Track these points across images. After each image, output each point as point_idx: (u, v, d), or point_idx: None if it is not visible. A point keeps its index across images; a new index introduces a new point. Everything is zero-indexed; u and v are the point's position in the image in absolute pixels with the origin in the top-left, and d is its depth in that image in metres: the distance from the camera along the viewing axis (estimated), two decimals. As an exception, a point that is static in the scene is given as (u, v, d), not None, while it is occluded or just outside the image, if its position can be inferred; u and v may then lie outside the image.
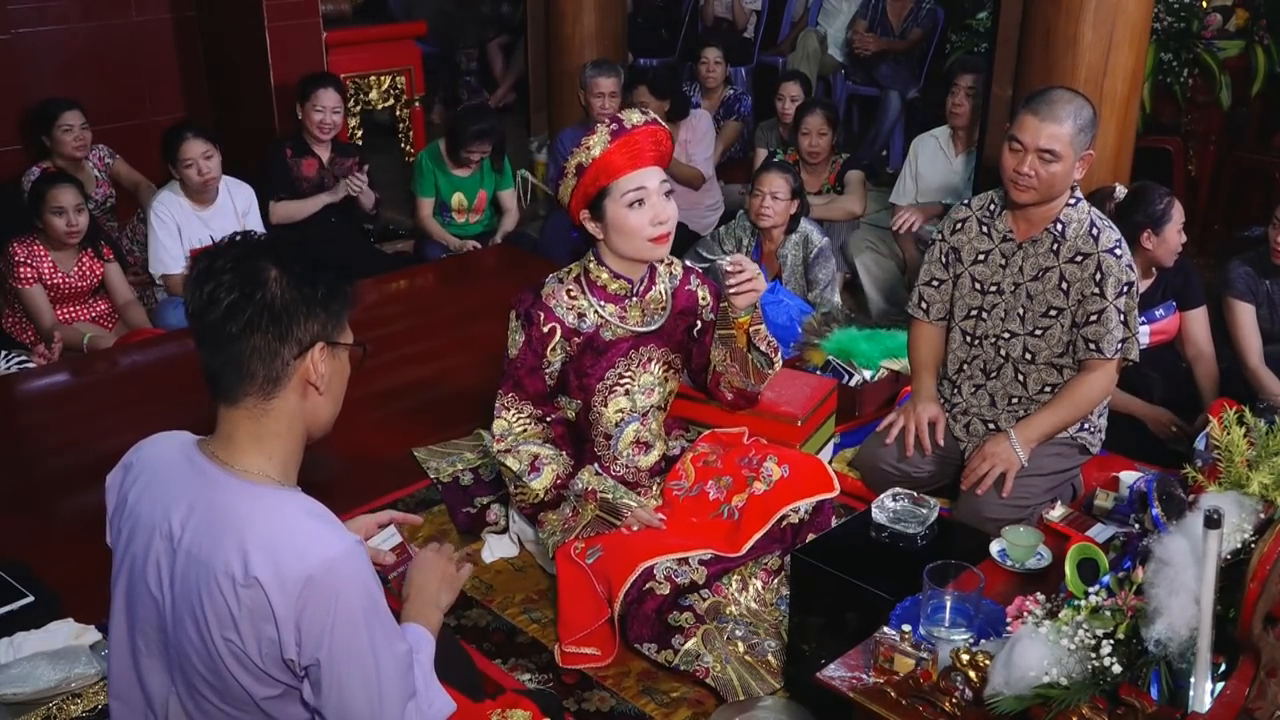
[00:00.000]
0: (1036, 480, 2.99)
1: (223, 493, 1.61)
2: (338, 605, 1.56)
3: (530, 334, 2.71)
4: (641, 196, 2.61)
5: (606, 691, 2.53)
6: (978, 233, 3.10)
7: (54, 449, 3.51)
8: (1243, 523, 1.83)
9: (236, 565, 1.53)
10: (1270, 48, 5.40)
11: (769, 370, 2.84)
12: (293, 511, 1.61)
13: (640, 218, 2.62)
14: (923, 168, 5.03)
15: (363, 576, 1.61)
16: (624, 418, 2.82)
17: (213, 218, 4.54)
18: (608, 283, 2.73)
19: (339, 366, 1.70)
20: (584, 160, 2.60)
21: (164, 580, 1.61)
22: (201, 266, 1.62)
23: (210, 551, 1.56)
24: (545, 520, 2.78)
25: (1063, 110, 2.84)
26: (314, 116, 4.99)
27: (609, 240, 2.68)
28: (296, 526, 1.59)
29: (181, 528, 1.59)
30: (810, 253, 4.40)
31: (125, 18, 5.51)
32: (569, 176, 2.64)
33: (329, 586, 1.55)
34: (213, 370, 1.62)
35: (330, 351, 1.66)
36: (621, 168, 2.59)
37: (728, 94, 6.37)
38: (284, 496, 1.64)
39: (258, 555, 1.53)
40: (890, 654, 1.94)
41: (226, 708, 1.62)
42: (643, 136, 2.60)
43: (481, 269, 5.17)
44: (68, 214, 4.18)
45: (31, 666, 2.43)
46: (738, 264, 2.65)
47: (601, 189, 2.62)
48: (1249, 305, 3.64)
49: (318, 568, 1.54)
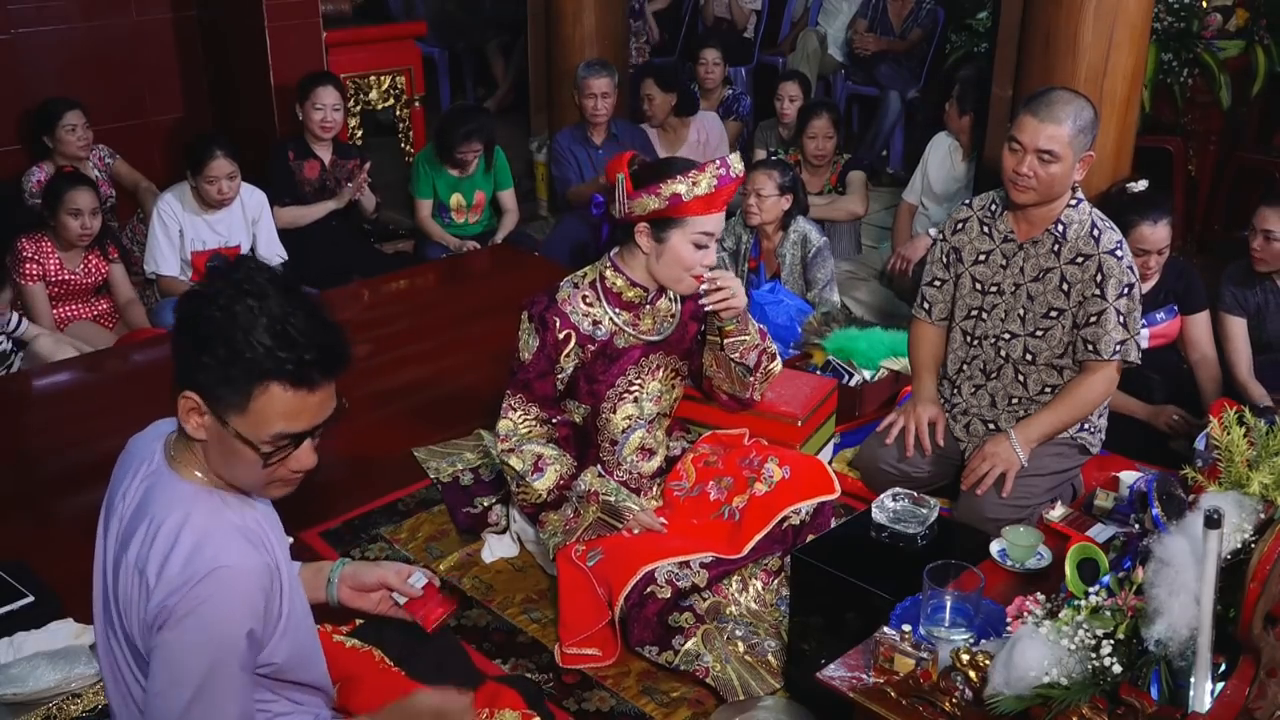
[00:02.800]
0: (1036, 480, 2.99)
1: (158, 483, 1.61)
2: (200, 619, 1.49)
3: (545, 339, 2.70)
4: (708, 242, 2.63)
5: (606, 691, 2.53)
6: (979, 233, 3.10)
7: (54, 449, 3.52)
8: (1243, 523, 1.83)
9: (138, 553, 1.54)
10: (1270, 48, 5.39)
11: (749, 379, 2.82)
12: (205, 515, 1.56)
13: (696, 257, 2.63)
14: (932, 168, 5.03)
15: (243, 603, 1.53)
16: (631, 424, 2.82)
17: (219, 221, 4.54)
18: (623, 290, 2.73)
19: (230, 446, 1.55)
20: (684, 193, 2.55)
21: (108, 566, 1.63)
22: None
23: (130, 535, 1.57)
24: (546, 521, 2.78)
25: (1062, 111, 2.84)
26: (314, 115, 4.98)
27: (654, 260, 2.66)
28: (199, 529, 1.54)
29: (128, 513, 1.61)
30: (809, 252, 4.40)
31: (125, 18, 5.50)
32: (660, 199, 2.57)
33: (203, 596, 1.49)
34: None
35: (212, 419, 1.53)
36: (706, 209, 2.60)
37: (727, 94, 6.37)
38: (209, 500, 1.59)
39: (155, 547, 1.53)
40: (890, 654, 1.94)
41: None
42: (735, 186, 2.63)
43: (481, 269, 5.17)
44: (83, 217, 4.22)
45: (31, 666, 2.43)
46: (711, 281, 2.64)
47: (677, 219, 2.61)
48: (1240, 319, 3.67)
49: (200, 575, 1.49)
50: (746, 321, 2.75)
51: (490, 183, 5.33)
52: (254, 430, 1.53)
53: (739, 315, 2.70)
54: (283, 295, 1.51)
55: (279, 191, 4.95)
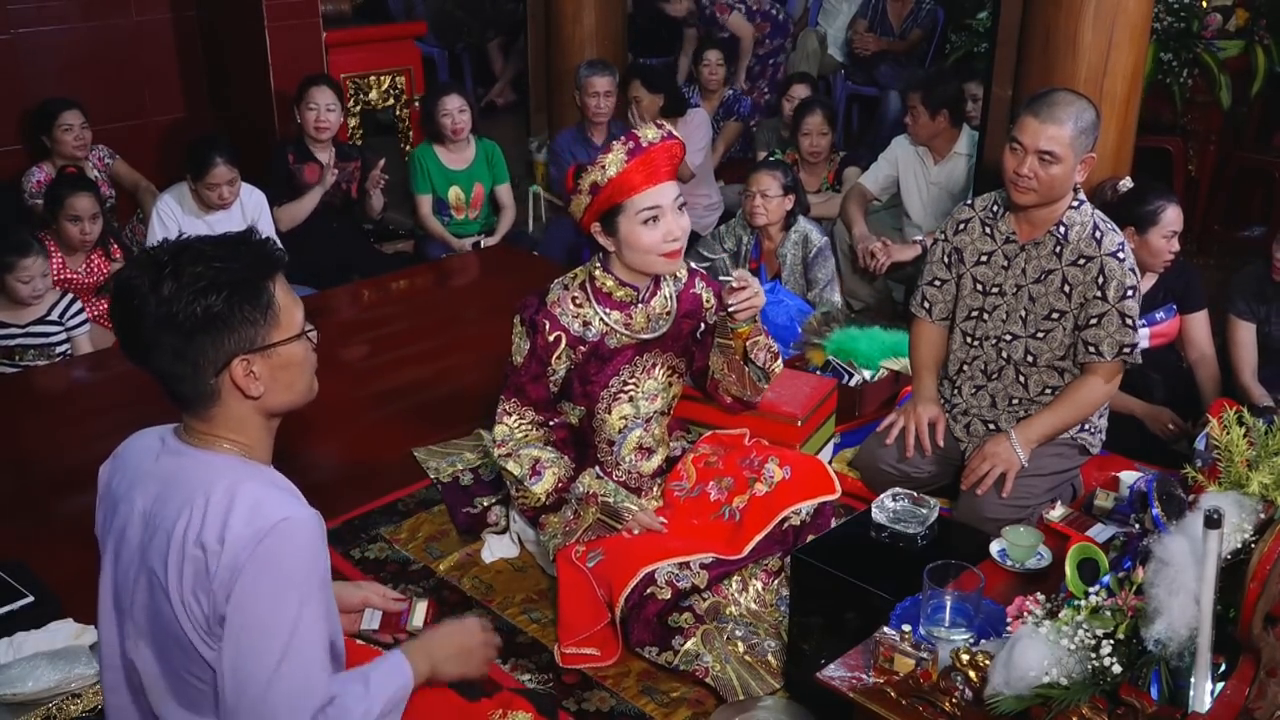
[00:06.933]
0: (1036, 480, 2.99)
1: (186, 462, 1.64)
2: (279, 566, 1.55)
3: (535, 342, 2.69)
4: (656, 214, 2.59)
5: (606, 691, 2.53)
6: (980, 233, 3.10)
7: (53, 449, 3.51)
8: (1243, 523, 1.83)
9: (188, 526, 1.56)
10: (1270, 48, 5.40)
11: (764, 384, 2.83)
12: (252, 478, 1.62)
13: (653, 235, 2.60)
14: (904, 180, 4.92)
15: (312, 549, 1.60)
16: (627, 424, 2.82)
17: (219, 222, 4.52)
18: (614, 290, 2.72)
19: (283, 360, 1.65)
20: (599, 179, 2.56)
21: (133, 554, 1.64)
22: (118, 280, 1.63)
23: (168, 516, 1.59)
24: (546, 523, 2.78)
25: (1063, 112, 2.84)
26: (308, 115, 4.96)
27: (621, 254, 2.66)
28: (253, 490, 1.59)
29: (149, 501, 1.63)
30: (810, 252, 4.40)
31: (125, 18, 5.51)
32: (583, 194, 2.60)
33: (275, 546, 1.54)
34: (157, 380, 1.65)
35: (260, 356, 1.62)
36: (637, 185, 2.56)
37: (727, 94, 6.37)
38: (248, 467, 1.65)
39: (209, 516, 1.55)
40: (890, 654, 1.94)
41: (193, 679, 1.63)
42: (659, 153, 2.57)
43: (481, 269, 5.17)
44: (83, 222, 4.24)
45: (31, 666, 2.44)
46: (742, 280, 2.63)
47: (615, 205, 2.59)
48: (1250, 324, 3.66)
49: (268, 527, 1.54)
50: (758, 325, 2.76)
51: (489, 175, 5.34)
52: (289, 326, 1.65)
53: (755, 316, 2.69)
54: (181, 249, 1.61)
55: (278, 192, 4.95)
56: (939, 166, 4.84)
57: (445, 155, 5.24)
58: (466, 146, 5.28)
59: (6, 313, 3.99)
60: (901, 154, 4.94)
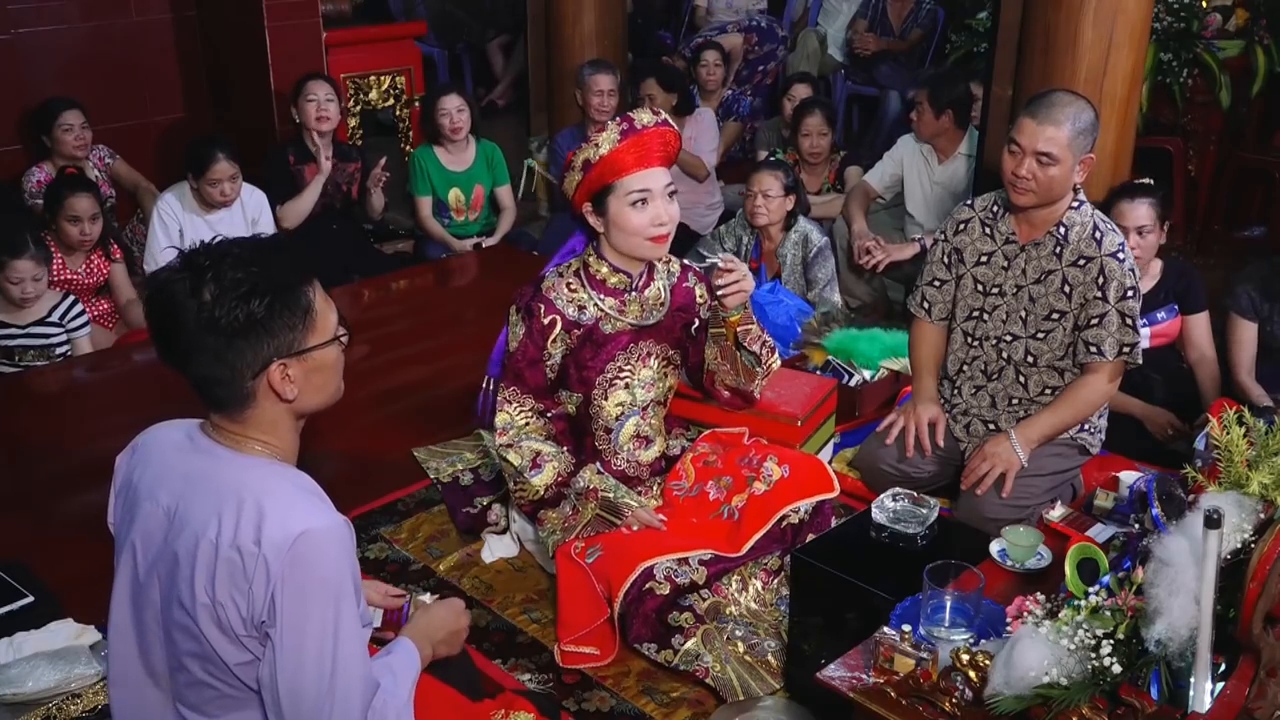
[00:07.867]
0: (1036, 480, 2.99)
1: (216, 463, 1.65)
2: (313, 574, 1.57)
3: (531, 326, 2.72)
4: (645, 197, 2.62)
5: (606, 691, 2.53)
6: (980, 234, 3.10)
7: (54, 449, 3.52)
8: (1243, 523, 1.83)
9: (221, 530, 1.56)
10: (1270, 48, 5.40)
11: (758, 369, 2.83)
12: (283, 482, 1.64)
13: (641, 218, 2.63)
14: (909, 178, 4.94)
15: (342, 554, 1.62)
16: (624, 411, 2.82)
17: (220, 221, 4.53)
18: (607, 276, 2.74)
19: (316, 364, 1.68)
20: (591, 156, 2.61)
21: (155, 549, 1.64)
22: (153, 284, 1.64)
23: (197, 517, 1.59)
24: (545, 518, 2.78)
25: (1061, 113, 2.84)
26: (308, 108, 4.94)
27: (609, 235, 2.69)
28: (284, 496, 1.61)
29: (175, 498, 1.64)
30: (810, 252, 4.40)
31: (125, 18, 5.51)
32: (575, 170, 2.65)
33: (307, 555, 1.56)
34: (192, 383, 1.66)
35: (296, 360, 1.65)
36: (628, 167, 2.60)
37: (726, 94, 6.37)
38: (277, 470, 1.67)
39: (243, 520, 1.56)
40: (890, 654, 1.94)
41: (207, 677, 1.64)
42: (652, 137, 2.61)
43: (481, 269, 5.17)
44: (82, 223, 4.23)
45: (31, 666, 2.43)
46: (729, 261, 2.65)
47: (606, 185, 2.63)
48: (1251, 323, 3.65)
49: (300, 536, 1.56)
50: (748, 313, 2.76)
51: (489, 177, 5.34)
52: (324, 331, 1.68)
53: (745, 302, 2.70)
54: (219, 254, 1.60)
55: (278, 192, 4.95)
56: (943, 166, 4.85)
57: (445, 157, 5.24)
58: (466, 148, 5.28)
59: (7, 313, 3.98)
60: (907, 153, 4.94)
